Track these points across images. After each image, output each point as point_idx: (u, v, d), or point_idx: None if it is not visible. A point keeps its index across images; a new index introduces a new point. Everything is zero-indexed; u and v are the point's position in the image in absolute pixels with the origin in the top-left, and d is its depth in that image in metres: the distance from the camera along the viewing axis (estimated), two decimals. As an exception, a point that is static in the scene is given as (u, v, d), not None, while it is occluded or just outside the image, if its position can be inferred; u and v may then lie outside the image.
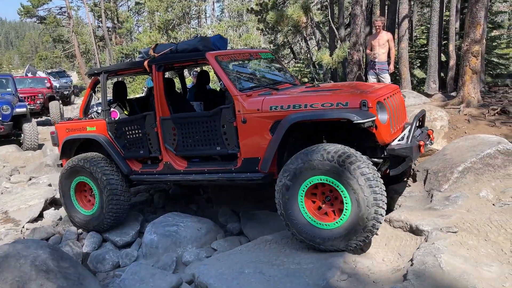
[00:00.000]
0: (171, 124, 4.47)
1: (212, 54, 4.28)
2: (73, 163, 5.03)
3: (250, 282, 3.41)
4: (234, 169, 4.18)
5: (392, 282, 3.09)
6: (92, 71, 5.20)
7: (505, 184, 3.99)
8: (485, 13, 7.29)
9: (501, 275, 2.85)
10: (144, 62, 4.59)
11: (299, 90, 4.30)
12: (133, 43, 28.87)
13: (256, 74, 5.03)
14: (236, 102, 4.02)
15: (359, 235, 3.40)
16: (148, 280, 3.71)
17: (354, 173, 3.32)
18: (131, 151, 4.87)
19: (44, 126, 16.30)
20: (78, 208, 5.19)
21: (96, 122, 5.06)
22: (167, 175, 4.67)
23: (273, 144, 3.82)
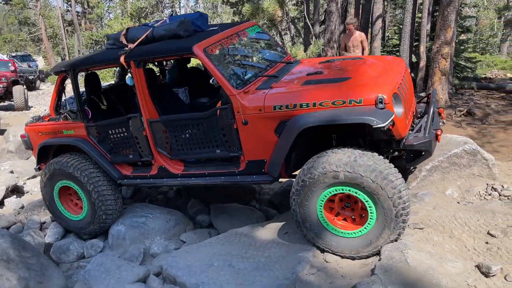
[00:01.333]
0: (162, 126, 4.01)
1: (199, 47, 3.71)
2: (54, 168, 4.57)
3: (219, 275, 3.39)
4: (237, 172, 3.85)
5: (360, 276, 3.13)
6: (58, 68, 4.57)
7: (469, 183, 4.11)
8: (455, 16, 7.49)
9: (464, 271, 2.93)
10: (120, 58, 3.97)
11: (300, 77, 3.87)
12: (104, 30, 28.12)
13: (248, 58, 4.49)
14: (234, 102, 3.57)
15: (380, 243, 3.23)
16: (114, 271, 3.63)
17: (382, 185, 3.07)
18: (119, 155, 4.40)
19: (6, 111, 15.68)
20: (65, 213, 4.80)
21: (73, 125, 4.51)
22: (163, 180, 4.27)
23: (282, 149, 3.47)
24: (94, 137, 4.41)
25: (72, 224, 4.78)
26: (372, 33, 10.88)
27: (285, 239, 3.83)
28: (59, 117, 4.66)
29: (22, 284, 3.36)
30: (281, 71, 4.10)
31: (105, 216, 4.55)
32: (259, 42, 4.74)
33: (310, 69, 4.06)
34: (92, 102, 4.76)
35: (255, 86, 3.74)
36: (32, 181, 6.80)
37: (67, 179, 4.53)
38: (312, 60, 4.95)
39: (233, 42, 4.19)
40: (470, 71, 12.42)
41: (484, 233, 3.31)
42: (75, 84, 4.36)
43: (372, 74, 3.64)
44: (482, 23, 27.04)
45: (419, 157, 3.63)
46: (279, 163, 3.53)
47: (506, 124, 7.30)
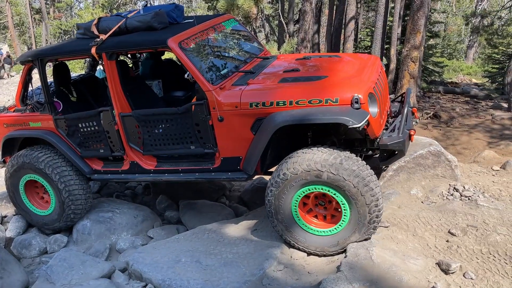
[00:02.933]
0: (134, 121, 3.88)
1: (174, 40, 3.62)
2: (20, 161, 4.38)
3: (186, 271, 3.37)
4: (212, 169, 3.79)
5: (326, 273, 3.18)
6: (25, 57, 4.34)
7: (433, 183, 4.24)
8: (425, 21, 7.70)
9: (425, 268, 3.03)
10: (91, 49, 3.82)
11: (277, 73, 3.84)
12: (73, 19, 27.42)
13: (224, 52, 4.36)
14: (209, 98, 3.50)
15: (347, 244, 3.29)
16: (78, 267, 3.55)
17: (362, 191, 3.11)
18: (89, 150, 4.24)
19: (-32, 100, 15.05)
20: (31, 208, 4.62)
21: (40, 117, 4.32)
22: (135, 175, 4.15)
23: (258, 147, 3.44)
24: (63, 130, 4.25)
25: (38, 219, 4.62)
26: (345, 34, 11.04)
27: (254, 236, 3.84)
28: (25, 108, 4.46)
29: (-20, 279, 3.24)
30: (258, 66, 4.04)
31: (74, 212, 4.42)
32: (236, 36, 4.64)
33: (287, 66, 4.02)
34: (61, 94, 4.58)
35: (231, 81, 3.67)
36: (-7, 173, 6.54)
37: (34, 173, 4.37)
38: (288, 56, 4.91)
39: (209, 35, 4.10)
40: (437, 75, 12.81)
41: (445, 232, 3.42)
42: (42, 75, 4.16)
43: (348, 73, 3.64)
44: (450, 29, 27.92)
45: (392, 157, 3.69)
46: (255, 161, 3.50)
47: (469, 127, 7.58)
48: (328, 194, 3.25)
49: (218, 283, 3.18)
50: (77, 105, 4.59)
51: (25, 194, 4.57)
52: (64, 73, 4.67)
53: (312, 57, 4.34)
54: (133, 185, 5.99)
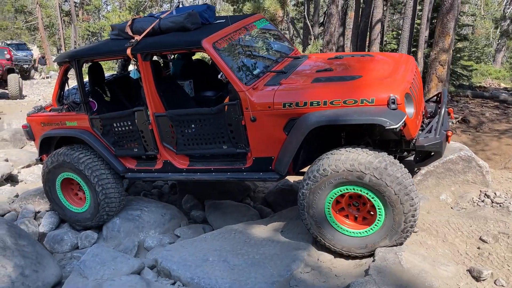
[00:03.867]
0: (168, 121, 3.92)
1: (208, 41, 3.62)
2: (57, 160, 4.45)
3: (214, 270, 3.42)
4: (244, 169, 3.79)
5: (354, 276, 3.18)
6: (62, 58, 4.44)
7: (463, 189, 4.18)
8: (454, 24, 7.58)
9: (456, 274, 3.00)
10: (127, 50, 3.88)
11: (309, 73, 3.81)
12: (101, 22, 28.01)
13: (256, 52, 4.33)
14: (243, 98, 3.50)
15: (375, 248, 3.27)
16: (110, 263, 3.64)
17: (403, 199, 3.07)
18: (123, 149, 4.29)
19: (1, 100, 15.57)
20: (66, 204, 4.70)
21: (76, 117, 4.39)
22: (168, 174, 4.20)
23: (291, 148, 3.41)
24: (98, 130, 4.31)
25: (71, 216, 4.71)
26: (371, 37, 10.95)
27: (280, 238, 3.86)
28: (62, 108, 4.55)
29: (18, 272, 3.36)
30: (289, 66, 4.02)
31: (107, 213, 4.51)
32: (267, 35, 4.63)
33: (319, 65, 3.99)
34: (96, 94, 4.64)
35: (263, 81, 3.66)
36: (27, 170, 6.77)
37: (70, 171, 4.44)
38: (320, 55, 4.86)
39: (241, 35, 4.09)
40: (466, 79, 12.55)
41: (476, 239, 3.38)
42: (79, 75, 4.23)
43: (383, 72, 3.58)
44: (478, 32, 27.33)
45: (428, 158, 3.62)
46: (287, 161, 3.48)
47: (499, 132, 7.41)
48: (364, 196, 3.22)
49: (245, 283, 3.21)
50: (111, 105, 4.67)
51: (61, 190, 4.66)
52: (98, 73, 4.74)
53: (344, 56, 4.30)
54: (160, 184, 6.10)
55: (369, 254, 3.38)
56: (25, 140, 8.81)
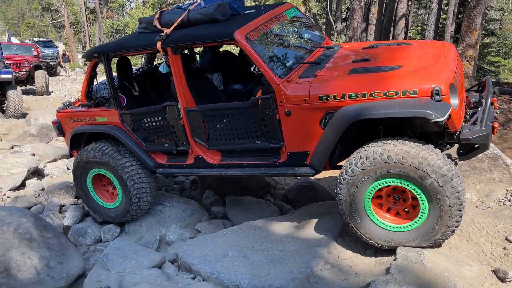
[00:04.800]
0: (199, 116, 3.84)
1: (241, 33, 3.50)
2: (88, 156, 4.43)
3: (234, 265, 3.43)
4: (278, 164, 3.68)
5: (375, 275, 3.14)
6: (91, 53, 4.36)
7: (489, 188, 4.08)
8: (481, 19, 7.38)
9: (480, 275, 2.93)
10: (157, 44, 3.79)
11: (345, 64, 3.66)
12: (124, 19, 28.37)
13: (288, 42, 4.17)
14: (277, 91, 3.39)
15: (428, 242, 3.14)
16: (132, 256, 3.70)
17: (452, 202, 2.94)
18: (154, 144, 4.24)
19: (28, 95, 15.98)
20: (98, 201, 4.69)
21: (106, 112, 4.33)
22: (199, 169, 4.12)
23: (329, 142, 3.31)
24: (128, 125, 4.25)
25: (104, 211, 4.70)
26: (394, 33, 10.77)
27: (300, 234, 3.85)
28: (91, 103, 4.52)
29: (43, 263, 3.45)
30: (323, 57, 3.89)
31: (140, 208, 4.48)
32: (298, 25, 4.46)
33: (354, 56, 3.84)
34: (124, 88, 4.57)
35: (297, 73, 3.54)
36: (53, 164, 6.93)
37: (101, 167, 4.42)
38: (353, 45, 4.69)
39: (273, 26, 3.94)
40: (493, 75, 12.22)
41: (502, 239, 3.29)
42: (108, 71, 4.17)
43: (424, 62, 3.41)
44: (506, 27, 26.53)
45: (473, 151, 3.44)
46: (324, 156, 3.39)
47: (528, 130, 7.20)
48: (409, 191, 3.09)
49: (265, 279, 3.21)
50: (139, 100, 4.62)
51: (92, 186, 4.65)
52: (127, 67, 4.68)
53: (380, 45, 4.12)
54: (181, 179, 6.16)
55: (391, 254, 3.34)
56: (52, 135, 9.03)
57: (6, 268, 3.29)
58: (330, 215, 4.20)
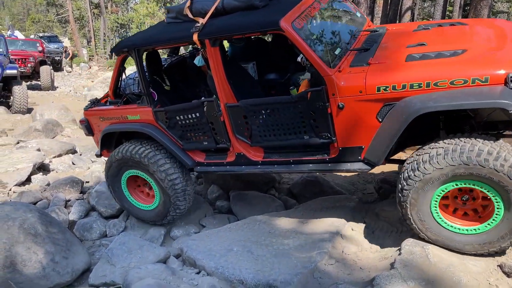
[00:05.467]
0: (241, 112, 3.59)
1: (287, 21, 3.20)
2: (121, 157, 4.19)
3: (238, 260, 3.44)
4: (329, 159, 3.42)
5: (379, 269, 3.13)
6: (120, 47, 4.05)
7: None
8: (488, 11, 7.29)
9: (486, 269, 2.91)
10: (193, 36, 3.51)
11: (398, 49, 3.36)
12: (129, 14, 28.36)
13: (333, 28, 3.84)
14: (329, 83, 3.12)
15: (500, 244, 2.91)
16: (136, 251, 3.71)
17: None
18: (191, 142, 3.99)
19: (33, 91, 16.06)
20: (134, 203, 4.47)
21: (139, 110, 4.08)
22: (241, 167, 3.87)
23: (390, 136, 3.02)
24: (163, 123, 4.01)
25: (141, 214, 4.49)
26: (400, 26, 10.66)
27: (304, 229, 3.84)
28: (120, 100, 4.27)
29: (48, 258, 3.47)
30: (370, 41, 3.63)
31: (178, 207, 4.25)
32: (338, 7, 4.14)
33: (407, 39, 3.54)
34: (155, 83, 4.30)
35: (347, 62, 3.28)
36: (58, 159, 6.98)
37: (136, 168, 4.20)
38: (400, 27, 4.30)
39: (316, 10, 3.62)
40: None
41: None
42: (139, 66, 3.90)
43: (490, 44, 3.12)
44: (514, 19, 26.22)
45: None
46: (384, 151, 3.10)
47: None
48: (478, 191, 2.88)
49: (269, 274, 3.21)
50: (171, 94, 4.40)
51: (127, 189, 4.44)
52: (156, 61, 4.44)
53: (432, 27, 3.79)
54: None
55: (396, 249, 3.33)
56: (57, 130, 9.08)
57: (12, 263, 3.32)
58: (335, 209, 4.20)
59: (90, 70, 25.03)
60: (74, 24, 32.90)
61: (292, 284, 3.06)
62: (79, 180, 5.75)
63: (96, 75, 22.26)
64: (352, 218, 3.97)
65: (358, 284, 2.95)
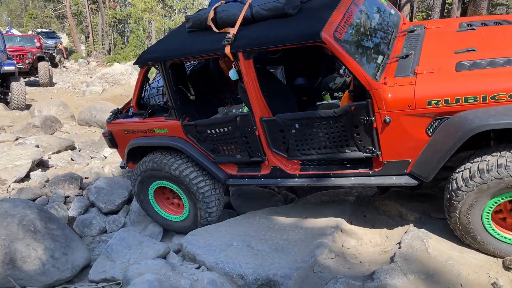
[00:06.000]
0: (278, 126, 3.43)
1: (328, 32, 2.98)
2: (150, 168, 4.05)
3: (238, 255, 3.44)
4: (372, 173, 3.27)
5: (379, 263, 3.13)
6: (145, 60, 3.84)
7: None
8: (487, 3, 7.26)
9: (486, 263, 2.91)
10: (225, 49, 3.31)
11: (445, 55, 3.16)
12: (127, 9, 28.23)
13: (373, 33, 3.59)
14: (376, 97, 2.93)
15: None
16: (136, 247, 3.71)
17: None
18: (223, 155, 3.84)
19: (32, 87, 16.00)
20: (162, 214, 4.35)
21: (167, 123, 3.92)
22: (277, 180, 3.71)
23: (442, 153, 2.84)
24: (193, 137, 3.86)
25: (172, 225, 4.37)
26: (399, 19, 10.61)
27: (304, 224, 3.84)
28: (145, 112, 4.11)
29: (48, 254, 3.47)
30: (411, 44, 3.42)
31: (208, 215, 4.12)
32: (373, 7, 3.88)
33: (452, 44, 3.34)
34: (180, 93, 4.04)
35: (391, 72, 3.11)
36: (57, 156, 6.96)
37: (165, 180, 4.06)
38: (440, 24, 3.98)
39: (354, 15, 3.41)
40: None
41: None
42: (167, 79, 3.71)
43: None
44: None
45: None
46: (436, 167, 2.91)
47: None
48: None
49: (269, 268, 3.21)
50: (196, 103, 4.24)
51: (155, 200, 4.30)
52: (181, 70, 4.24)
53: (475, 25, 3.58)
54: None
55: (396, 242, 3.33)
56: (55, 127, 9.06)
57: (12, 260, 3.31)
58: (334, 204, 4.20)
59: (88, 66, 24.94)
60: (71, 19, 32.75)
61: (292, 278, 3.06)
62: (78, 176, 5.74)
63: (94, 70, 22.19)
64: (351, 212, 3.97)
65: (358, 278, 2.95)
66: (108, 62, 23.24)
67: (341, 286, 2.83)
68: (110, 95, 13.80)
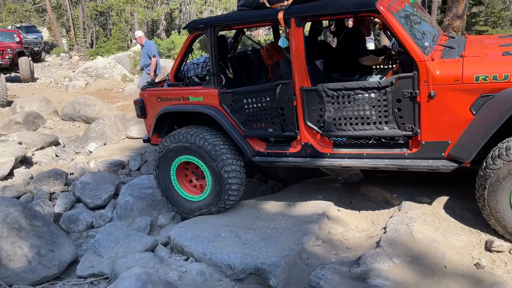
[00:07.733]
0: (318, 97, 3.40)
1: (383, 3, 3.10)
2: (180, 140, 3.92)
3: (226, 245, 3.45)
4: (407, 155, 3.23)
5: (365, 248, 3.18)
6: (195, 23, 3.89)
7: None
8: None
9: (469, 244, 2.97)
10: (278, 15, 3.39)
11: (491, 48, 3.34)
12: (108, 1, 27.72)
13: (420, 22, 3.72)
14: (422, 69, 2.98)
15: None
16: (123, 241, 3.69)
17: None
18: (255, 129, 3.77)
19: (13, 83, 15.71)
20: (181, 193, 4.16)
21: (203, 91, 3.88)
22: (306, 159, 3.62)
23: (485, 131, 2.85)
24: (227, 106, 3.81)
25: (188, 205, 4.15)
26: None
27: (291, 212, 3.87)
28: (182, 83, 4.10)
29: (34, 251, 3.43)
30: (454, 43, 3.49)
31: (230, 194, 3.93)
32: (418, 11, 4.01)
33: (497, 42, 3.48)
34: (220, 67, 4.09)
35: (438, 54, 3.18)
36: (41, 152, 6.86)
37: (193, 154, 3.92)
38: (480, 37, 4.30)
39: (405, 4, 3.59)
40: (481, 45, 12.20)
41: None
42: (213, 44, 3.76)
43: None
44: (495, -4, 26.33)
45: None
46: (476, 147, 2.91)
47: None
48: None
49: (257, 257, 3.23)
50: (232, 82, 4.26)
51: (175, 176, 4.14)
52: (224, 47, 4.31)
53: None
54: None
55: (381, 227, 3.37)
56: (38, 123, 8.93)
57: (-3, 258, 3.27)
58: (321, 191, 4.23)
59: (70, 60, 24.51)
60: (51, 13, 32.07)
61: (279, 266, 3.09)
62: (63, 172, 5.68)
63: (77, 65, 21.81)
64: (338, 199, 4.01)
65: (344, 264, 2.98)
66: (91, 56, 22.84)
67: (328, 272, 2.86)
68: (94, 89, 13.61)
